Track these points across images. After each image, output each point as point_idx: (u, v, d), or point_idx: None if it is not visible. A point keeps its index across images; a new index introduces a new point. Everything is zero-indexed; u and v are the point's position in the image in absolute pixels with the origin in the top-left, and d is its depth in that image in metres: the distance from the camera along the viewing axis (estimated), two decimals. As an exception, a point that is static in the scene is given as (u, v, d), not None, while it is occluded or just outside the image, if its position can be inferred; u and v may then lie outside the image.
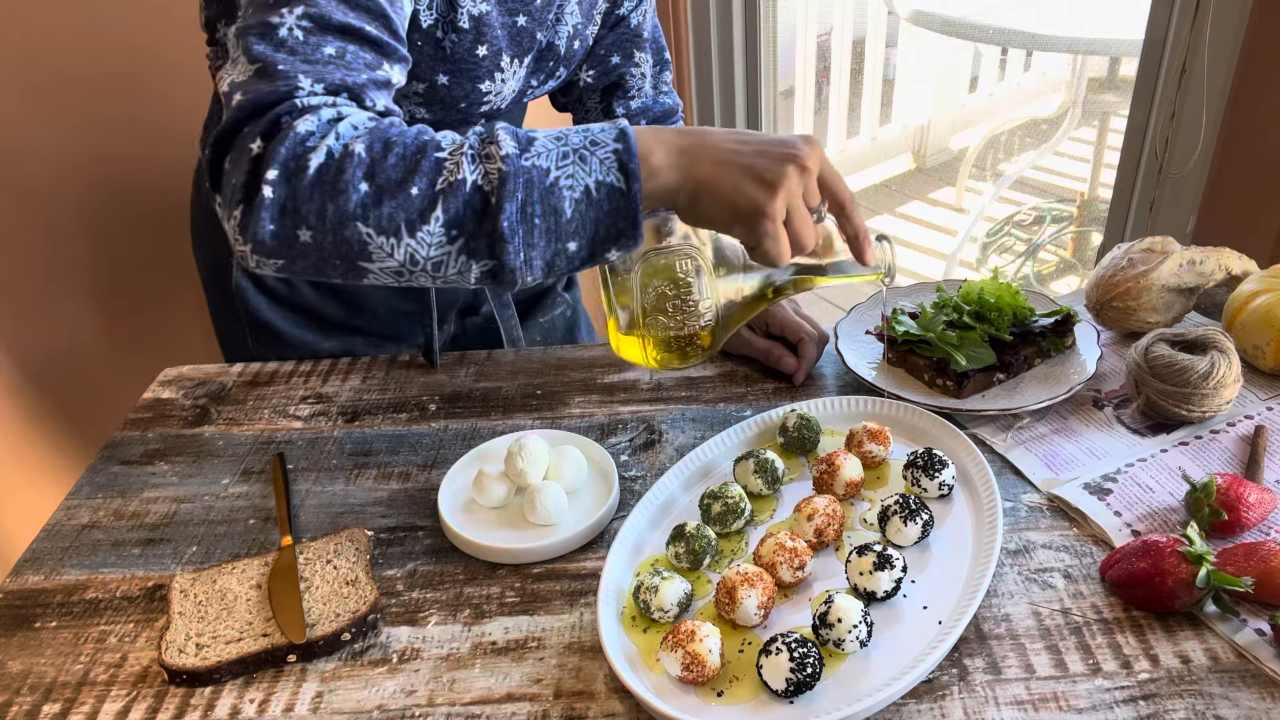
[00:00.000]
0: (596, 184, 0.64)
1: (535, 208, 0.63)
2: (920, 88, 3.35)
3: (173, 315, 1.59)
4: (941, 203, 3.27)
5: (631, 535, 0.75)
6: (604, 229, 0.65)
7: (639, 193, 0.64)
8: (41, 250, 1.46)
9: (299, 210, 0.63)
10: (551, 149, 0.65)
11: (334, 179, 0.63)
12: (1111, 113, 2.99)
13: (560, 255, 0.65)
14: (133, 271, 1.54)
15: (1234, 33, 1.41)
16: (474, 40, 0.86)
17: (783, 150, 0.66)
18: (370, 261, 0.65)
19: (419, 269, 0.65)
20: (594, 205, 0.64)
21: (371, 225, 0.63)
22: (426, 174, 0.63)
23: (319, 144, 0.63)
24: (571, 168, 0.64)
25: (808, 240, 0.67)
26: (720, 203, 0.66)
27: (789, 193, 0.65)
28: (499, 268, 0.65)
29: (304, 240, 0.64)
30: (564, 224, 0.64)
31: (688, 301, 0.74)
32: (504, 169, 0.63)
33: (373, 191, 0.63)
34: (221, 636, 0.69)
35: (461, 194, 0.63)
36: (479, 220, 0.63)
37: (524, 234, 0.64)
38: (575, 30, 0.97)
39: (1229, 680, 0.63)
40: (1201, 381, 0.81)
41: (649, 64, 1.10)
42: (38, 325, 1.49)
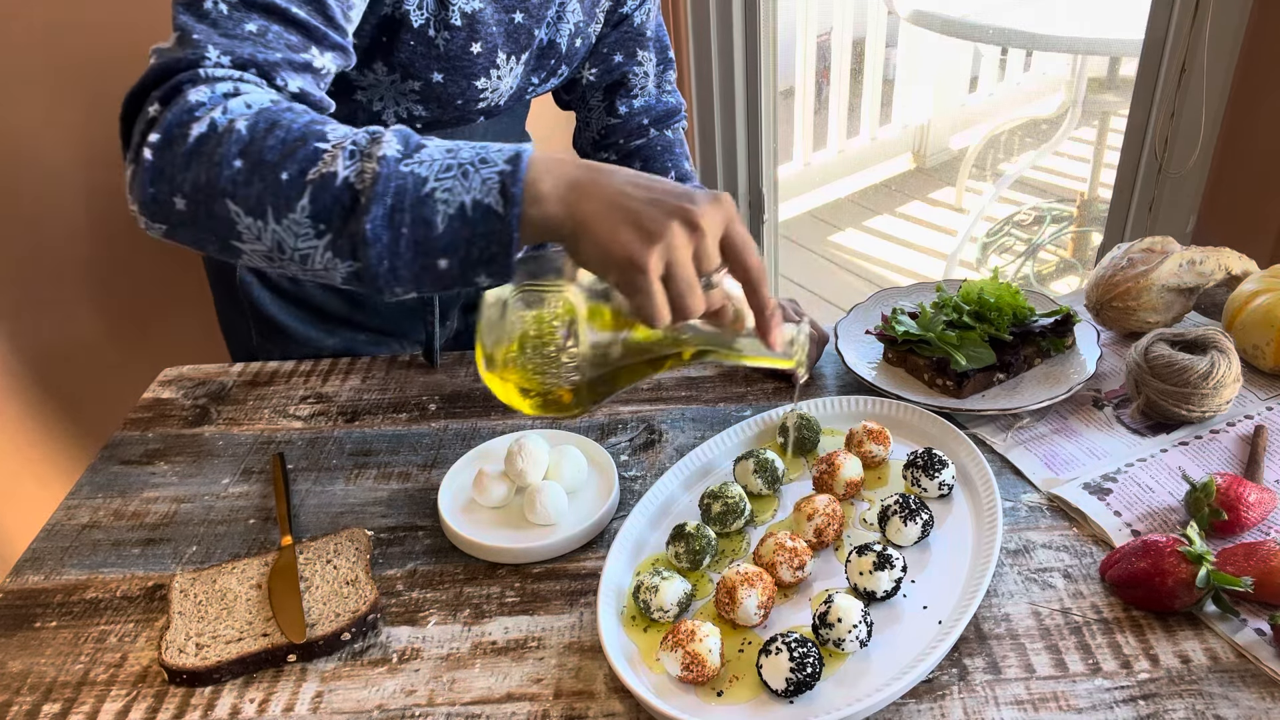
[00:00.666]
0: (474, 203, 0.60)
1: (405, 216, 0.60)
2: (920, 88, 3.35)
3: (173, 315, 1.59)
4: (941, 203, 3.27)
5: (631, 535, 0.75)
6: (477, 251, 0.61)
7: (516, 218, 0.60)
8: (41, 250, 1.46)
9: (174, 178, 0.63)
10: (437, 159, 0.61)
11: (210, 151, 0.62)
12: (1111, 113, 2.99)
13: (429, 271, 0.62)
14: (133, 272, 1.55)
15: (1234, 33, 1.41)
16: (467, 37, 0.86)
17: (676, 203, 0.59)
18: (241, 241, 0.64)
19: (287, 258, 0.63)
20: (468, 224, 0.60)
21: (240, 204, 0.62)
22: (300, 161, 0.61)
23: (205, 115, 0.63)
24: (451, 181, 0.61)
25: (690, 305, 0.60)
26: (597, 246, 0.60)
27: (670, 249, 0.59)
28: (364, 272, 0.62)
29: (179, 209, 0.64)
30: (434, 238, 0.61)
31: (548, 349, 0.66)
32: (378, 170, 0.60)
33: (245, 169, 0.62)
34: (221, 636, 0.69)
35: (331, 188, 0.61)
36: (346, 218, 0.61)
37: (389, 241, 0.60)
38: (577, 28, 0.97)
39: (1229, 680, 0.63)
40: (1201, 381, 0.81)
41: (652, 63, 1.10)
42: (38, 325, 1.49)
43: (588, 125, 1.14)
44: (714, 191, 0.61)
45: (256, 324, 1.07)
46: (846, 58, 3.13)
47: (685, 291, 0.60)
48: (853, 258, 3.04)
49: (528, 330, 0.66)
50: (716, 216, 0.60)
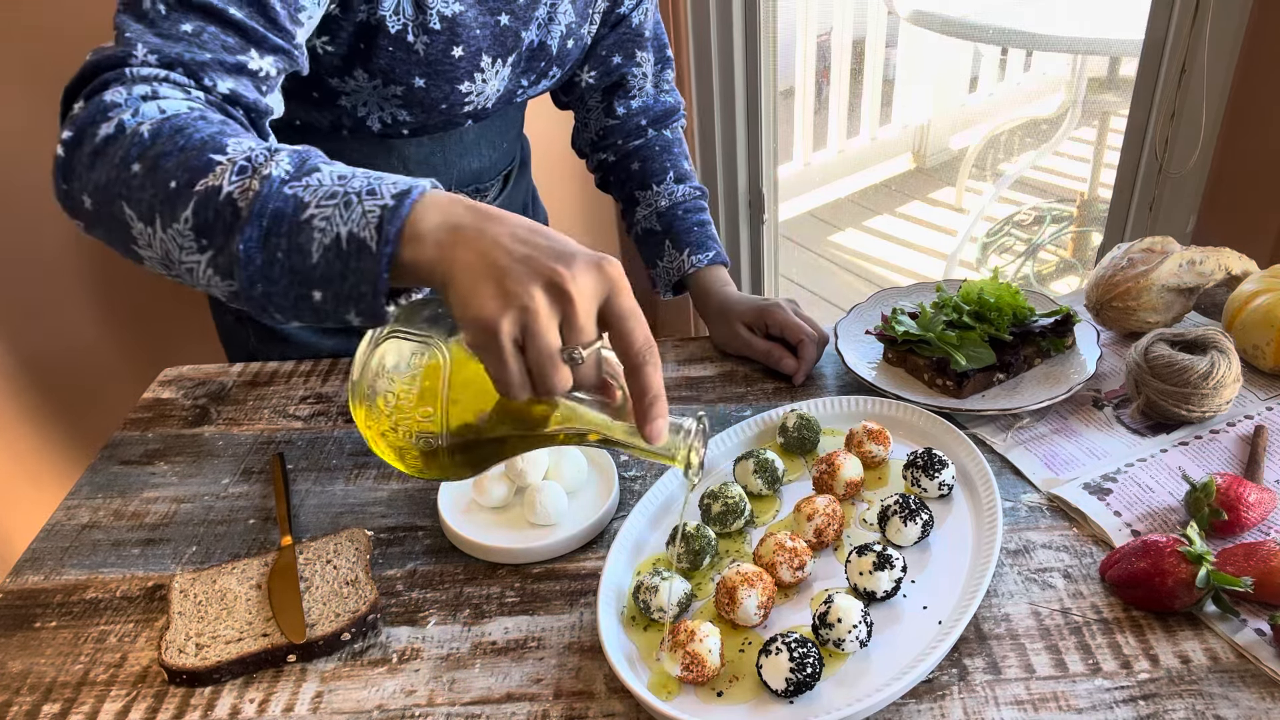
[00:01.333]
0: (349, 235, 0.56)
1: (280, 241, 0.57)
2: (920, 88, 3.35)
3: (173, 315, 1.59)
4: (941, 203, 3.27)
5: (631, 535, 0.75)
6: (348, 287, 0.56)
7: (387, 257, 0.55)
8: (42, 250, 1.46)
9: (81, 176, 0.63)
10: (325, 185, 0.57)
11: (113, 153, 0.61)
12: (1111, 113, 2.99)
13: (305, 302, 0.58)
14: (133, 272, 1.54)
15: (1234, 33, 1.41)
16: (448, 41, 0.85)
17: (548, 264, 0.53)
18: (138, 246, 0.62)
19: (175, 270, 0.62)
20: (341, 257, 0.56)
21: (133, 208, 0.61)
22: (191, 170, 0.59)
23: (116, 116, 0.62)
24: (331, 210, 0.56)
25: (550, 379, 0.54)
26: (458, 300, 0.54)
27: (528, 316, 0.52)
28: (240, 293, 0.59)
29: (87, 207, 0.63)
30: (309, 268, 0.57)
31: (403, 404, 0.60)
32: (259, 189, 0.57)
33: (140, 174, 0.60)
34: (221, 636, 0.69)
35: (214, 202, 0.58)
36: (226, 236, 0.58)
37: (262, 265, 0.57)
38: (569, 29, 0.97)
39: (1229, 680, 0.63)
40: (1201, 381, 0.81)
41: (650, 63, 1.10)
42: (38, 325, 1.49)
43: (586, 126, 1.14)
44: (601, 255, 0.55)
45: (255, 328, 1.07)
46: (846, 58, 3.13)
47: (543, 364, 0.54)
48: (853, 258, 3.04)
49: (390, 381, 0.61)
50: (592, 283, 0.54)
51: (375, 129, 0.90)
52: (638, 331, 0.56)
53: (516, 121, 1.10)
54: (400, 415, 0.60)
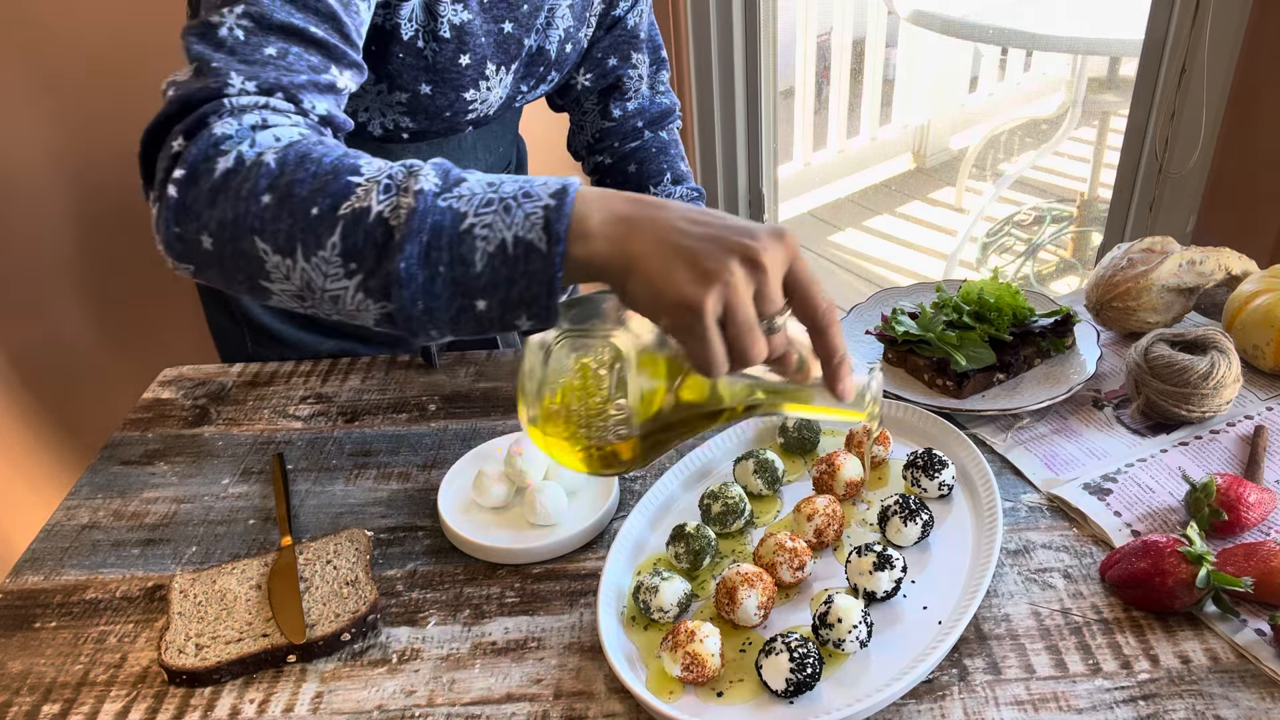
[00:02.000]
0: (515, 239, 0.55)
1: (442, 254, 0.56)
2: (920, 88, 3.35)
3: (173, 315, 1.59)
4: (941, 203, 3.27)
5: (631, 535, 0.75)
6: (517, 292, 0.56)
7: (560, 256, 0.55)
8: (41, 251, 1.46)
9: (200, 215, 0.60)
10: (478, 193, 0.57)
11: (238, 186, 0.59)
12: (1111, 113, 2.99)
13: (466, 313, 0.57)
14: (133, 272, 1.55)
15: (1234, 33, 1.41)
16: (456, 49, 0.85)
17: (736, 240, 0.54)
18: (270, 281, 0.60)
19: (317, 297, 0.60)
20: (509, 263, 0.56)
21: (268, 241, 0.58)
22: (332, 195, 0.58)
23: (232, 149, 0.60)
24: (492, 216, 0.56)
25: (750, 350, 0.55)
26: (648, 287, 0.55)
27: (730, 290, 0.53)
28: (397, 314, 0.58)
29: (206, 247, 0.60)
30: (472, 277, 0.56)
31: (593, 400, 0.61)
32: (414, 205, 0.56)
33: (274, 205, 0.58)
34: (221, 637, 0.69)
35: (364, 224, 0.57)
36: (379, 257, 0.57)
37: (424, 281, 0.56)
38: (567, 33, 0.97)
39: (1229, 680, 0.63)
40: (1201, 381, 0.81)
41: (646, 64, 1.10)
42: (38, 325, 1.49)
43: (582, 129, 1.14)
44: (777, 226, 0.57)
45: (251, 332, 1.06)
46: (846, 58, 3.13)
47: (745, 336, 0.55)
48: (853, 258, 3.04)
49: (572, 380, 0.61)
50: (780, 253, 0.55)
51: (376, 134, 0.90)
52: (820, 297, 0.57)
53: (512, 125, 1.10)
54: (591, 414, 0.61)
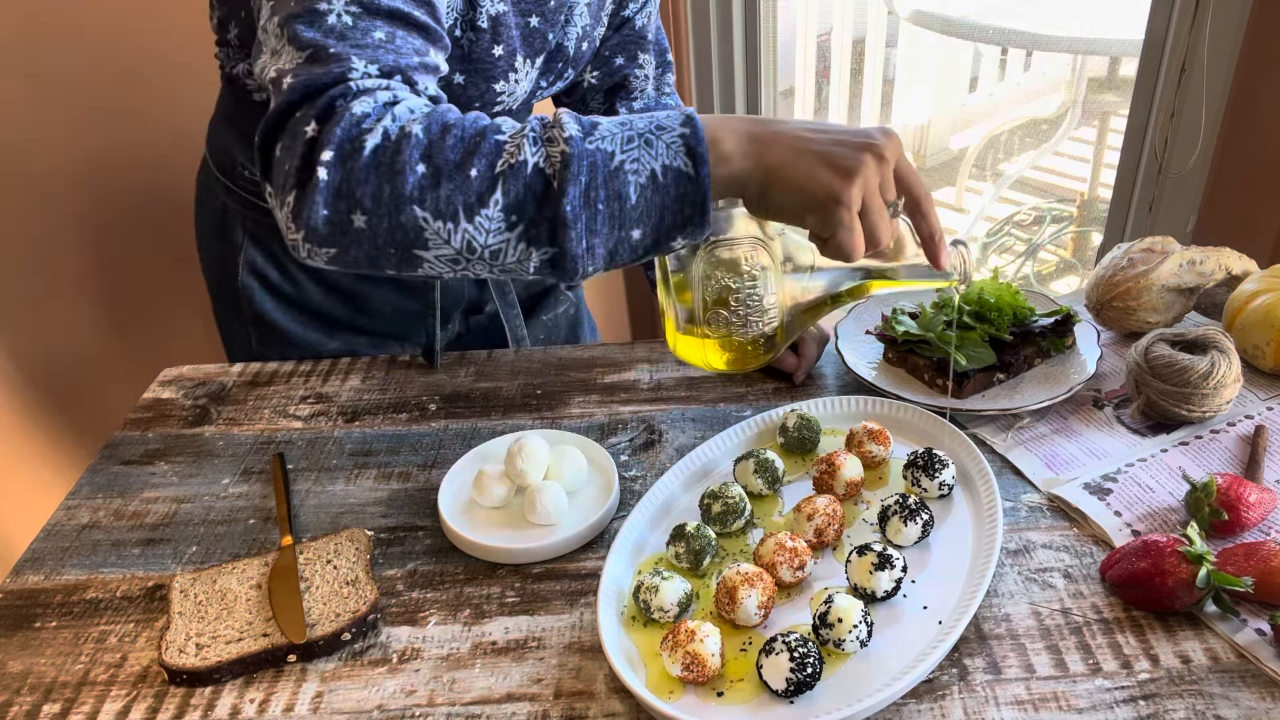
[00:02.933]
0: (663, 168, 0.62)
1: (599, 192, 0.61)
2: (920, 88, 3.35)
3: (173, 315, 1.59)
4: (941, 203, 3.27)
5: (631, 535, 0.75)
6: (670, 216, 0.62)
7: (708, 177, 0.62)
8: (42, 251, 1.46)
9: (354, 193, 0.61)
10: (616, 133, 0.62)
11: (390, 160, 0.61)
12: (1111, 113, 3.00)
13: (623, 244, 0.63)
14: (133, 272, 1.54)
15: (1234, 33, 1.41)
16: (491, 40, 0.86)
17: (861, 139, 0.63)
18: (426, 249, 0.63)
19: (476, 256, 0.63)
20: (660, 191, 0.62)
21: (429, 209, 0.61)
22: (486, 156, 0.62)
23: (375, 125, 0.62)
24: (637, 151, 0.62)
25: (883, 234, 0.64)
26: (793, 191, 0.62)
27: (866, 182, 0.62)
28: (560, 256, 0.62)
29: (358, 226, 0.62)
30: (629, 210, 0.62)
31: (752, 298, 0.69)
32: (567, 151, 0.61)
33: (430, 173, 0.61)
34: (221, 636, 0.69)
35: (522, 176, 0.61)
36: (540, 205, 0.61)
37: (587, 220, 0.61)
38: (584, 32, 0.98)
39: (1229, 680, 0.63)
40: (1201, 381, 0.81)
41: (652, 65, 1.10)
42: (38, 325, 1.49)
43: None
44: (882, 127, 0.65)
45: (256, 330, 1.06)
46: (846, 58, 3.13)
47: (878, 221, 0.63)
48: (853, 257, 3.04)
49: (728, 285, 0.69)
50: (894, 148, 0.64)
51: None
52: (921, 183, 0.66)
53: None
54: (751, 311, 0.69)
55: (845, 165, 0.62)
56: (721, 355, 0.72)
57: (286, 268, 1.04)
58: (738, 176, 0.63)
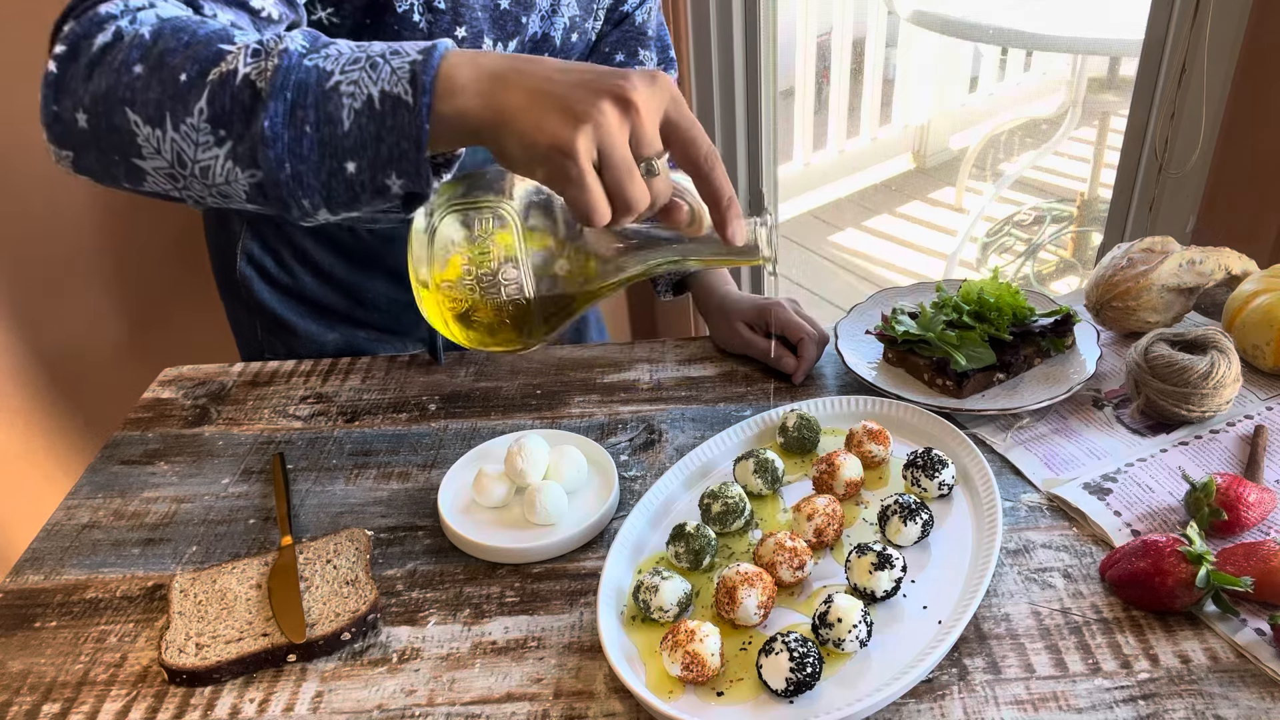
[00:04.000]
0: (381, 94, 0.55)
1: (309, 113, 0.55)
2: (920, 88, 3.35)
3: (173, 315, 1.59)
4: (941, 203, 3.27)
5: (631, 535, 0.75)
6: (385, 149, 0.55)
7: (426, 108, 0.54)
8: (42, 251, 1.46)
9: (76, 90, 0.59)
10: (345, 54, 0.56)
11: (112, 58, 0.58)
12: (1111, 113, 2.99)
13: (337, 176, 0.56)
14: (132, 271, 1.54)
15: (1234, 33, 1.41)
16: (452, 21, 0.85)
17: (607, 82, 0.54)
18: (142, 159, 0.59)
19: (188, 172, 0.58)
20: (375, 118, 0.55)
21: (138, 111, 0.57)
22: (201, 61, 0.57)
23: (112, 24, 0.60)
24: (358, 73, 0.55)
25: (631, 194, 0.54)
26: (520, 138, 0.54)
27: (602, 131, 0.53)
28: (265, 181, 0.57)
29: (81, 126, 0.60)
30: (340, 137, 0.55)
31: (484, 270, 0.61)
32: (279, 63, 0.55)
33: (144, 74, 0.57)
34: (221, 636, 0.69)
35: (230, 87, 0.56)
36: (246, 119, 0.56)
37: (290, 141, 0.55)
38: (573, 23, 0.97)
39: (1229, 680, 0.63)
40: (1201, 381, 0.81)
41: (654, 62, 1.10)
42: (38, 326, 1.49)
43: None
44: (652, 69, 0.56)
45: (261, 318, 1.07)
46: (846, 58, 3.13)
47: (623, 179, 0.54)
48: (853, 258, 3.04)
49: (458, 254, 0.61)
50: (653, 94, 0.54)
51: None
52: (701, 139, 0.56)
53: None
54: (485, 286, 0.61)
55: (576, 110, 0.53)
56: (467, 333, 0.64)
57: (283, 258, 1.05)
58: (467, 114, 0.55)
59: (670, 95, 0.55)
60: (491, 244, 0.60)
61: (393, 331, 1.10)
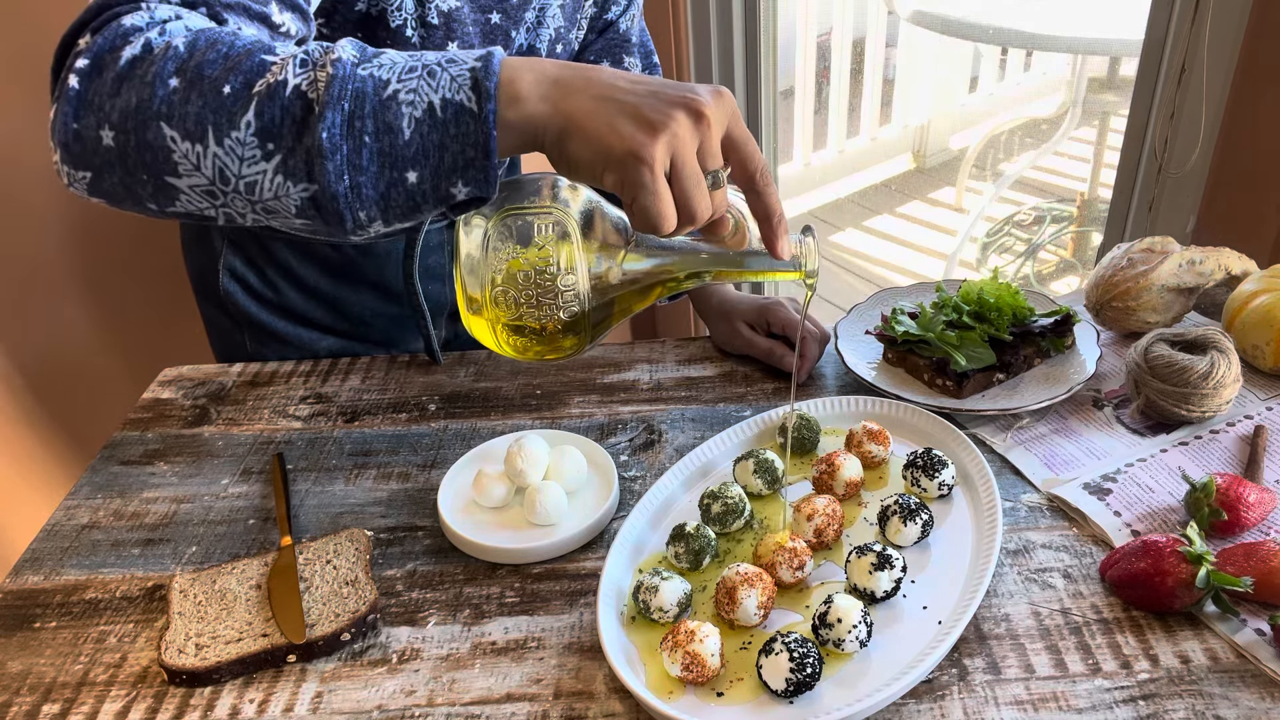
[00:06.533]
0: (443, 101, 0.54)
1: (366, 123, 0.54)
2: (920, 88, 3.35)
3: (173, 315, 1.59)
4: (941, 203, 3.27)
5: (631, 535, 0.75)
6: (450, 157, 0.55)
7: (492, 114, 0.54)
8: (41, 251, 1.46)
9: (103, 106, 0.56)
10: (399, 63, 0.56)
11: (143, 72, 0.56)
12: (1111, 113, 2.99)
13: (397, 187, 0.55)
14: (133, 272, 1.55)
15: (1234, 33, 1.41)
16: (444, 36, 0.85)
17: (679, 94, 0.54)
18: (177, 176, 0.56)
19: (231, 189, 0.56)
20: (438, 126, 0.54)
21: (175, 126, 0.55)
22: (245, 73, 0.55)
23: (139, 37, 0.57)
24: (416, 82, 0.55)
25: (698, 204, 0.55)
26: (590, 143, 0.54)
27: (676, 140, 0.53)
28: (320, 194, 0.55)
29: (107, 143, 0.57)
30: (400, 146, 0.54)
31: (543, 278, 0.60)
32: (333, 73, 0.54)
33: (182, 87, 0.55)
34: (221, 637, 0.69)
35: (280, 99, 0.54)
36: (298, 131, 0.54)
37: (349, 152, 0.54)
38: (558, 34, 0.97)
39: (1229, 680, 0.63)
40: (1201, 381, 0.81)
41: (638, 69, 1.10)
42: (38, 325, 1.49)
43: None
44: (717, 86, 0.57)
45: (250, 331, 1.06)
46: (846, 58, 3.13)
47: (692, 190, 0.54)
48: (853, 258, 3.04)
49: (518, 260, 0.60)
50: (721, 110, 0.56)
51: None
52: (758, 155, 0.57)
53: None
54: (542, 293, 0.60)
55: (651, 119, 0.53)
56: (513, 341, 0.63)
57: (265, 272, 1.04)
58: (533, 122, 0.55)
59: (733, 110, 0.57)
60: (552, 250, 0.60)
61: (379, 343, 1.09)
